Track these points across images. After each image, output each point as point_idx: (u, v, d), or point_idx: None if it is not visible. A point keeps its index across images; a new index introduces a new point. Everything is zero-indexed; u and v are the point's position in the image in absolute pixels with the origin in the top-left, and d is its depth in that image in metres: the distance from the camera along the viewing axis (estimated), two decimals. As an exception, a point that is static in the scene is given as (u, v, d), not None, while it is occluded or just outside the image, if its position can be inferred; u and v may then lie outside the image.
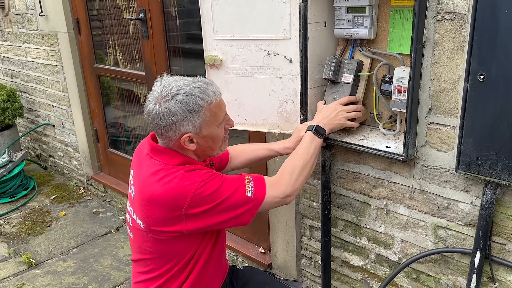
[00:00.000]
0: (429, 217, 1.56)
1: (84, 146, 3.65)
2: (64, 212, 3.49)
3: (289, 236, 2.16)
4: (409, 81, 1.39)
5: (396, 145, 1.55)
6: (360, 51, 1.61)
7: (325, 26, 1.62)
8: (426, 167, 1.51)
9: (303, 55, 1.59)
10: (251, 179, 1.38)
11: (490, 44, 1.20)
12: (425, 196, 1.55)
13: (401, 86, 1.44)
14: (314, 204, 1.98)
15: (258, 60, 1.69)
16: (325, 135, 1.54)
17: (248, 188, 1.34)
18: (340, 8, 1.56)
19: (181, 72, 2.70)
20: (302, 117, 1.67)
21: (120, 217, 3.39)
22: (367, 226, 1.78)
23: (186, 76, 1.37)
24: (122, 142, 3.53)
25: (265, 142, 1.95)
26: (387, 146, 1.55)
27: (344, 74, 1.61)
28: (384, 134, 1.60)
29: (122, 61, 3.16)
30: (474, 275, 1.45)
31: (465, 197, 1.45)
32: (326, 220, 1.86)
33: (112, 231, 3.22)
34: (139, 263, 1.47)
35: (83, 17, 3.25)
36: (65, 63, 3.47)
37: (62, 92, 3.66)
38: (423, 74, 1.42)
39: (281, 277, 2.24)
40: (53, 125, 3.99)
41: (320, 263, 1.97)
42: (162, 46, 2.68)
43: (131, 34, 2.97)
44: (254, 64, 1.71)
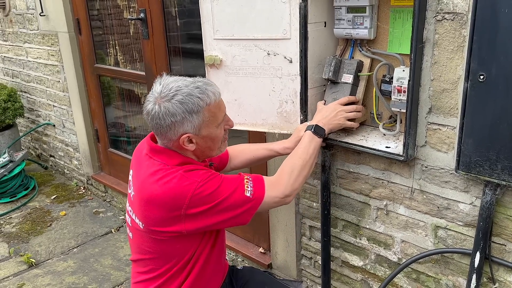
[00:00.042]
0: (429, 217, 1.56)
1: (85, 146, 3.65)
2: (64, 212, 3.50)
3: (289, 236, 2.16)
4: (409, 81, 1.39)
5: (396, 145, 1.54)
6: (360, 51, 1.61)
7: (325, 26, 1.62)
8: (426, 167, 1.51)
9: (303, 55, 1.58)
10: (250, 179, 1.37)
11: (490, 44, 1.20)
12: (425, 197, 1.55)
13: (401, 86, 1.44)
14: (314, 204, 1.98)
15: (258, 60, 1.69)
16: (325, 135, 1.54)
17: (247, 188, 1.34)
18: (340, 8, 1.55)
19: (182, 72, 2.70)
20: (302, 117, 1.67)
21: (121, 217, 3.39)
22: (367, 227, 1.78)
23: (186, 76, 1.37)
24: (123, 142, 3.53)
25: (265, 142, 1.95)
26: (387, 146, 1.54)
27: (344, 74, 1.61)
28: (384, 134, 1.60)
29: (122, 61, 3.16)
30: (474, 276, 1.45)
31: (465, 197, 1.45)
32: (326, 220, 1.86)
33: (113, 231, 3.22)
34: (138, 263, 1.47)
35: (83, 17, 3.25)
36: (66, 63, 3.47)
37: (63, 92, 3.66)
38: (423, 74, 1.41)
39: (281, 277, 2.24)
40: (54, 125, 3.99)
41: (320, 263, 1.96)
42: (162, 46, 2.68)
43: (131, 34, 2.97)
44: (254, 64, 1.70)
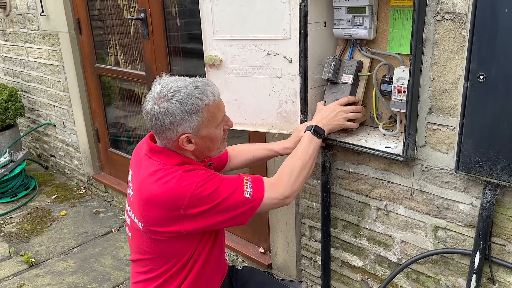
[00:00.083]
0: (429, 217, 1.56)
1: (85, 145, 3.65)
2: (64, 211, 3.50)
3: (289, 237, 2.16)
4: (409, 81, 1.38)
5: (395, 146, 1.54)
6: (360, 51, 1.60)
7: (324, 26, 1.62)
8: (426, 167, 1.50)
9: (303, 55, 1.58)
10: (250, 180, 1.37)
11: (490, 44, 1.19)
12: (424, 197, 1.55)
13: (401, 87, 1.43)
14: (314, 204, 1.98)
15: (257, 60, 1.69)
16: (324, 136, 1.54)
17: (247, 189, 1.33)
18: (340, 8, 1.55)
19: (182, 72, 2.70)
20: (301, 117, 1.67)
21: (121, 217, 3.39)
22: (367, 227, 1.78)
23: (186, 76, 1.37)
24: (123, 142, 3.53)
25: (265, 142, 1.95)
26: (386, 147, 1.54)
27: (343, 75, 1.61)
28: (384, 135, 1.60)
29: (123, 61, 3.16)
30: (473, 276, 1.44)
31: (464, 198, 1.44)
32: (325, 221, 1.86)
33: (113, 231, 3.22)
34: (138, 263, 1.46)
35: (84, 17, 3.25)
36: (66, 63, 3.47)
37: (63, 92, 3.66)
38: (422, 75, 1.41)
39: (280, 278, 2.24)
40: (54, 125, 4.00)
41: (320, 263, 1.96)
42: (162, 46, 2.68)
43: (131, 34, 2.97)
44: (253, 64, 1.70)
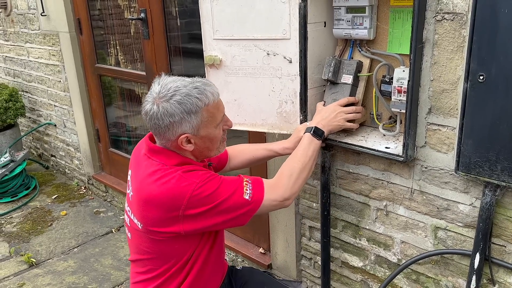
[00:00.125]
0: (429, 218, 1.56)
1: (86, 145, 3.65)
2: (65, 211, 3.50)
3: (289, 237, 2.15)
4: (409, 81, 1.38)
5: (395, 146, 1.54)
6: (360, 52, 1.60)
7: (324, 26, 1.62)
8: (426, 168, 1.50)
9: (303, 55, 1.58)
10: (250, 181, 1.37)
11: (490, 44, 1.19)
12: (424, 197, 1.54)
13: (401, 87, 1.43)
14: (314, 204, 1.97)
15: (257, 60, 1.69)
16: (324, 137, 1.53)
17: (246, 190, 1.33)
18: (340, 8, 1.55)
19: (182, 72, 2.70)
20: (301, 117, 1.67)
21: (121, 217, 3.39)
22: (367, 227, 1.77)
23: (186, 77, 1.37)
24: (123, 142, 3.53)
25: (265, 142, 1.95)
26: (386, 147, 1.54)
27: (343, 75, 1.60)
28: (384, 135, 1.59)
29: (123, 61, 3.16)
30: (473, 277, 1.44)
31: (464, 198, 1.44)
32: (325, 221, 1.86)
33: (113, 231, 3.22)
34: (137, 263, 1.46)
35: (84, 17, 3.25)
36: (67, 63, 3.48)
37: (64, 91, 3.67)
38: (422, 75, 1.41)
39: (280, 278, 2.24)
40: (55, 125, 4.00)
41: (320, 264, 1.96)
42: (162, 46, 2.68)
43: (132, 34, 2.97)
44: (253, 64, 1.70)
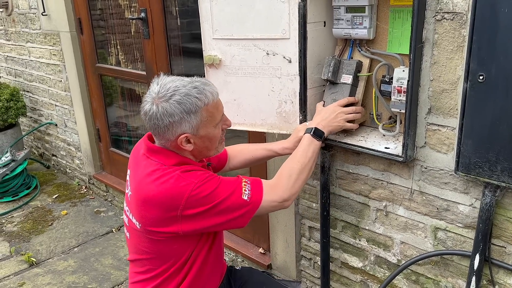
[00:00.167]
0: (429, 219, 1.55)
1: (86, 145, 3.65)
2: (66, 211, 3.51)
3: (288, 237, 2.15)
4: (408, 81, 1.37)
5: (395, 146, 1.53)
6: (359, 51, 1.59)
7: (324, 26, 1.61)
8: (426, 168, 1.49)
9: (302, 55, 1.57)
10: (249, 182, 1.36)
11: (490, 44, 1.18)
12: (424, 198, 1.54)
13: (401, 87, 1.42)
14: (314, 205, 1.97)
15: (257, 60, 1.68)
16: (324, 138, 1.53)
17: (245, 191, 1.33)
18: (339, 8, 1.54)
19: (182, 71, 2.70)
20: (301, 117, 1.66)
21: (121, 217, 3.39)
22: (366, 228, 1.77)
23: (186, 76, 1.37)
24: (124, 141, 3.53)
25: (265, 142, 1.95)
26: (386, 147, 1.53)
27: (343, 75, 1.60)
28: (384, 135, 1.59)
29: (123, 60, 3.16)
30: (473, 278, 1.43)
31: (464, 199, 1.43)
32: (325, 221, 1.85)
33: (113, 231, 3.23)
34: (136, 263, 1.46)
35: (85, 16, 3.25)
36: (68, 63, 3.48)
37: (65, 91, 3.67)
38: (422, 75, 1.40)
39: (280, 278, 2.23)
40: (56, 124, 4.00)
41: (320, 264, 1.95)
42: (163, 45, 2.68)
43: (132, 34, 2.97)
44: (253, 64, 1.70)
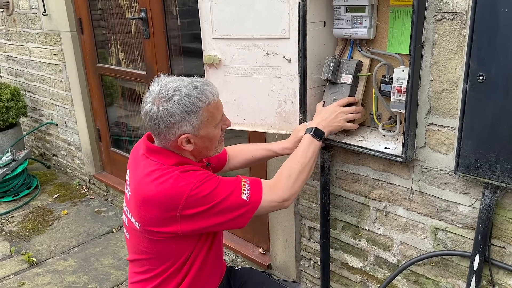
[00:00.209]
0: (428, 219, 1.55)
1: (87, 145, 3.66)
2: (66, 211, 3.51)
3: (288, 237, 2.15)
4: (408, 81, 1.37)
5: (395, 146, 1.53)
6: (359, 51, 1.59)
7: (324, 25, 1.61)
8: (425, 168, 1.49)
9: (302, 55, 1.57)
10: (248, 182, 1.36)
11: (490, 44, 1.18)
12: (424, 198, 1.53)
13: (401, 87, 1.42)
14: (313, 205, 1.97)
15: (257, 60, 1.68)
16: (324, 138, 1.52)
17: (244, 191, 1.32)
18: (339, 8, 1.54)
19: (183, 71, 2.70)
20: (301, 117, 1.66)
21: (122, 217, 3.39)
22: (366, 228, 1.77)
23: (186, 76, 1.37)
24: (124, 141, 3.53)
25: (265, 142, 1.94)
26: (386, 147, 1.53)
27: (343, 75, 1.60)
28: (384, 135, 1.59)
29: (124, 60, 3.16)
30: (473, 279, 1.43)
31: (464, 199, 1.43)
32: (325, 222, 1.85)
33: (114, 231, 3.23)
34: (135, 263, 1.46)
35: (85, 16, 3.25)
36: (68, 63, 3.48)
37: (65, 91, 3.67)
38: (422, 75, 1.40)
39: (279, 278, 2.23)
40: (56, 124, 4.00)
41: (319, 264, 1.95)
42: (163, 45, 2.68)
43: (133, 34, 2.97)
44: (253, 64, 1.70)
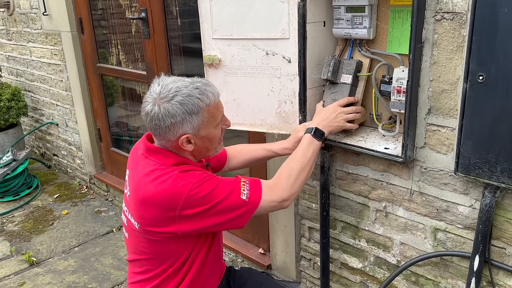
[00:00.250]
0: (428, 219, 1.54)
1: (87, 145, 3.66)
2: (66, 210, 3.51)
3: (288, 237, 2.15)
4: (408, 81, 1.37)
5: (395, 147, 1.53)
6: (359, 51, 1.59)
7: (324, 25, 1.61)
8: (425, 169, 1.49)
9: (302, 55, 1.57)
10: (247, 182, 1.36)
11: (490, 44, 1.18)
12: (424, 199, 1.53)
13: (401, 87, 1.42)
14: (313, 205, 1.97)
15: (256, 60, 1.68)
16: (324, 138, 1.52)
17: (244, 191, 1.32)
18: (339, 8, 1.54)
19: (183, 71, 2.70)
20: (300, 117, 1.66)
21: (121, 217, 3.39)
22: (366, 228, 1.76)
23: (186, 76, 1.37)
24: (125, 141, 3.53)
25: (264, 142, 1.94)
26: (385, 148, 1.53)
27: (343, 75, 1.60)
28: (383, 136, 1.58)
29: (124, 60, 3.16)
30: (473, 279, 1.43)
31: (464, 199, 1.43)
32: (325, 222, 1.85)
33: (114, 230, 3.23)
34: (134, 263, 1.46)
35: (86, 16, 3.25)
36: (68, 62, 3.48)
37: (66, 91, 3.67)
38: (422, 75, 1.40)
39: (279, 278, 2.23)
40: (57, 124, 4.01)
41: (319, 264, 1.95)
42: (163, 45, 2.68)
43: (133, 34, 2.97)
44: (252, 64, 1.69)
